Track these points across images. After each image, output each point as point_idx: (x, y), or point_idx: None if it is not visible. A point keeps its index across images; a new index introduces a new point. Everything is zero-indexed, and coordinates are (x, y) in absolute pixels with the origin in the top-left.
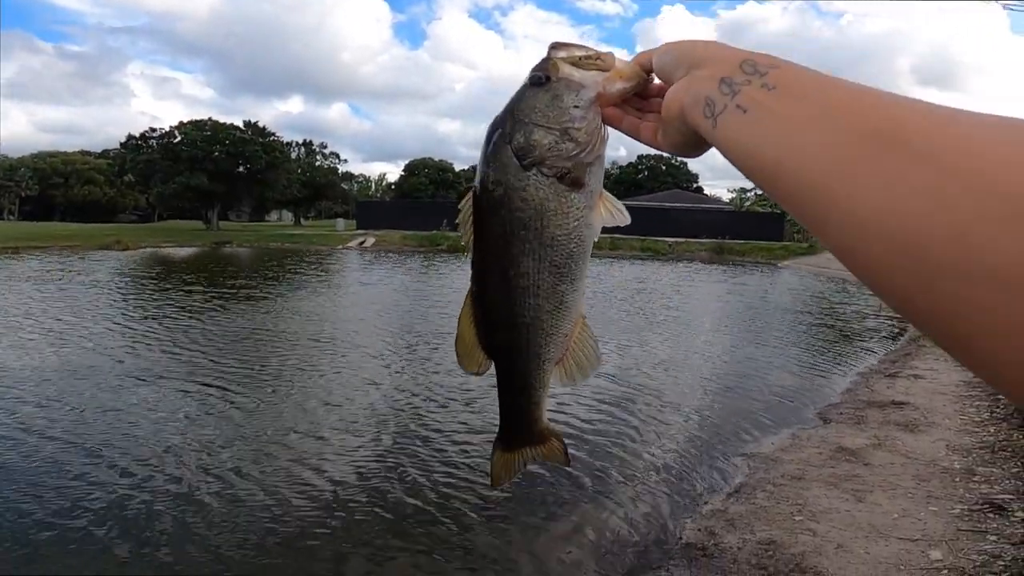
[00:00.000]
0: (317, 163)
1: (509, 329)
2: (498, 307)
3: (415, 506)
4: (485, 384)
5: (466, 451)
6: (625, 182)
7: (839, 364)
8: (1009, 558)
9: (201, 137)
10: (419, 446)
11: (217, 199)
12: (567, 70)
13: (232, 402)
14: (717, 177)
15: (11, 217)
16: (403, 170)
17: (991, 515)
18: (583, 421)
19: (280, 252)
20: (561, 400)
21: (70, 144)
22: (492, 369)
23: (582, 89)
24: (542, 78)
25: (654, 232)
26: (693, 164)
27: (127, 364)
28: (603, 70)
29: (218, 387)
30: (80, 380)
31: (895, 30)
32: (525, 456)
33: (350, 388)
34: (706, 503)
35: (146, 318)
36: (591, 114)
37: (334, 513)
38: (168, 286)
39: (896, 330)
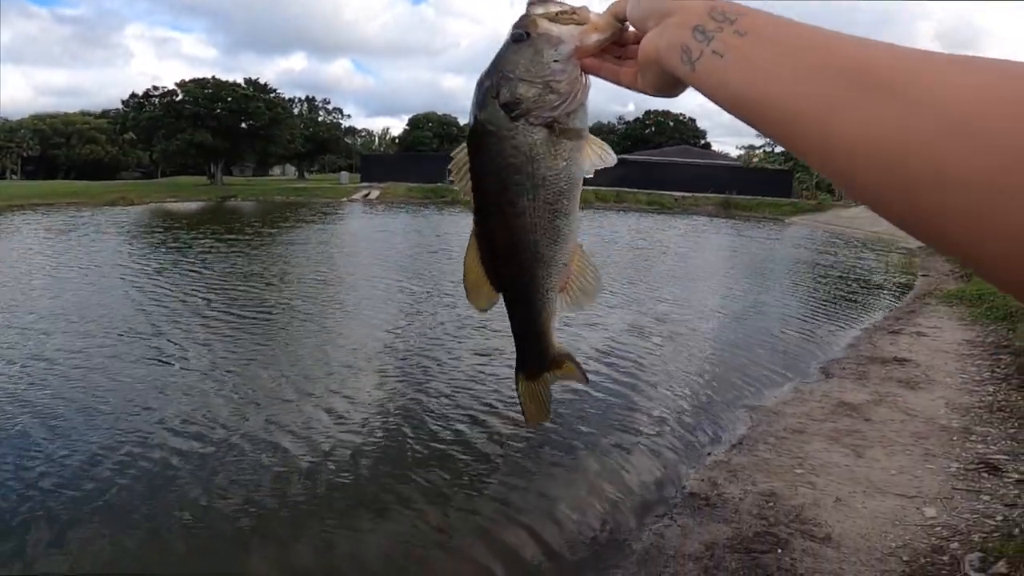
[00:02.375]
0: (320, 119)
1: (513, 263)
2: (501, 244)
3: (427, 452)
4: (496, 326)
5: (479, 397)
6: (632, 137)
7: (843, 319)
8: (1000, 518)
9: (203, 95)
10: (433, 389)
11: (220, 155)
12: (545, 26)
13: (247, 344)
14: (726, 134)
15: (14, 177)
16: (407, 124)
17: (986, 475)
18: (590, 372)
19: (285, 205)
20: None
21: (70, 106)
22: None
23: (561, 44)
24: (523, 34)
25: (660, 186)
26: (701, 121)
27: (141, 310)
28: (579, 24)
29: (233, 330)
30: (91, 327)
31: None
32: (546, 381)
33: (366, 328)
34: (709, 454)
35: (154, 269)
36: (570, 66)
37: (345, 457)
38: (175, 238)
39: (902, 288)
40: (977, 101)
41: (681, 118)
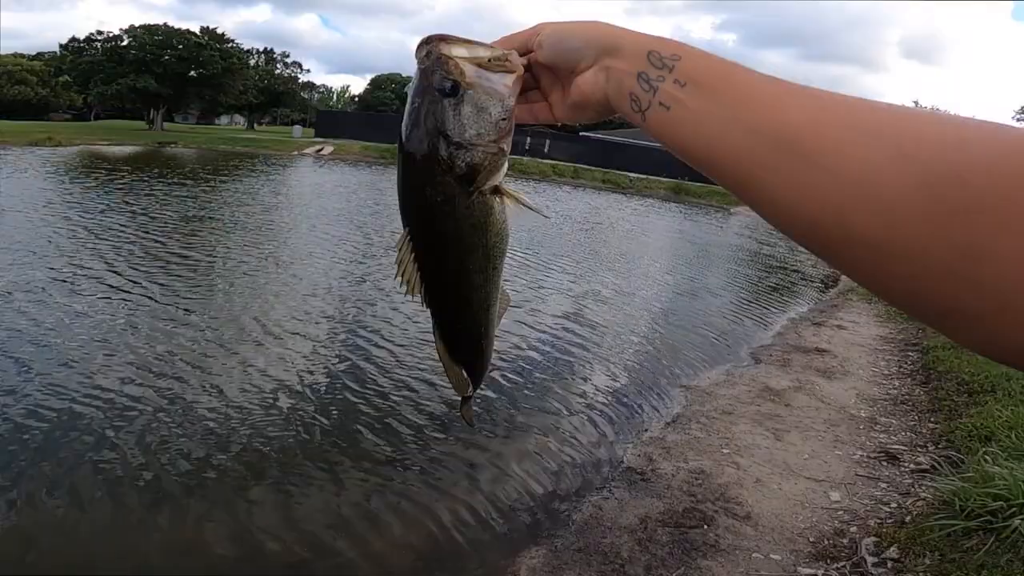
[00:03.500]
0: (277, 71)
1: (473, 338)
2: (462, 325)
3: (372, 413)
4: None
5: (428, 358)
6: None
7: (775, 309)
8: (894, 505)
9: (152, 42)
10: (382, 348)
11: (164, 101)
12: (474, 75)
13: (190, 293)
14: None
15: None
16: (369, 83)
17: (885, 463)
18: (537, 349)
19: (230, 155)
20: (514, 332)
21: (7, 48)
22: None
23: (505, 99)
24: (449, 87)
25: (617, 166)
26: None
27: (57, 259)
28: (511, 72)
29: (159, 284)
30: (16, 269)
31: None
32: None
33: (315, 282)
34: (646, 430)
35: (83, 212)
36: (512, 123)
37: (280, 420)
38: (107, 181)
39: (829, 283)
40: (877, 166)
41: None
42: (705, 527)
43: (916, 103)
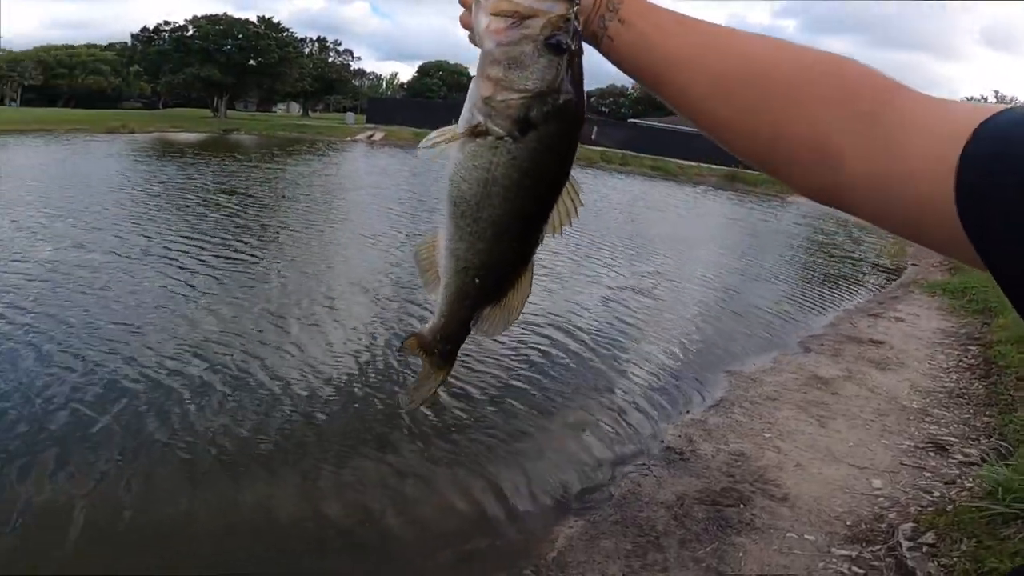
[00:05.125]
0: (330, 60)
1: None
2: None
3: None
4: None
5: (472, 340)
6: (644, 101)
7: (828, 299)
8: (937, 494)
9: (214, 31)
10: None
11: (226, 89)
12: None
13: (272, 269)
14: None
15: (13, 103)
16: (416, 71)
17: (932, 454)
18: (586, 327)
19: (288, 140)
20: (565, 309)
21: (76, 39)
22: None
23: None
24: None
25: (666, 152)
26: None
27: (134, 238)
28: None
29: (257, 256)
30: (90, 253)
31: None
32: None
33: (369, 263)
34: (688, 412)
35: (156, 194)
36: None
37: (337, 392)
38: (178, 165)
39: (890, 274)
40: (723, 73)
41: None
42: (741, 506)
43: (996, 93)
